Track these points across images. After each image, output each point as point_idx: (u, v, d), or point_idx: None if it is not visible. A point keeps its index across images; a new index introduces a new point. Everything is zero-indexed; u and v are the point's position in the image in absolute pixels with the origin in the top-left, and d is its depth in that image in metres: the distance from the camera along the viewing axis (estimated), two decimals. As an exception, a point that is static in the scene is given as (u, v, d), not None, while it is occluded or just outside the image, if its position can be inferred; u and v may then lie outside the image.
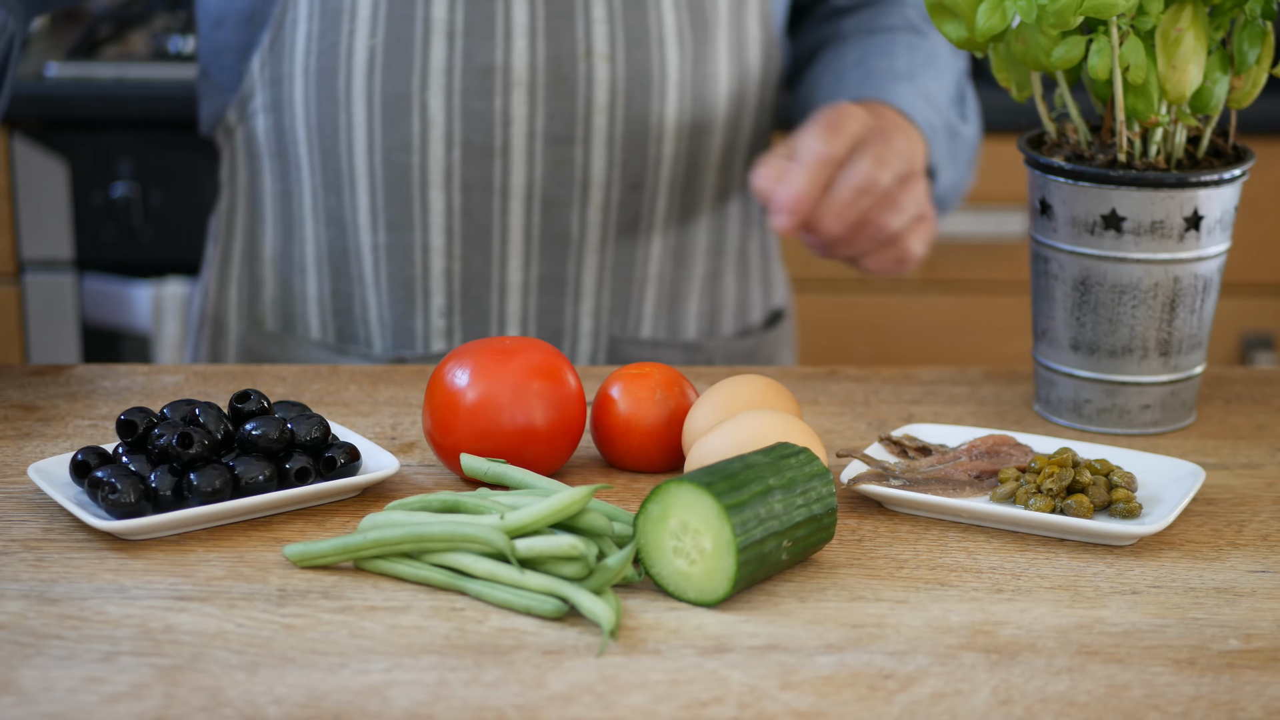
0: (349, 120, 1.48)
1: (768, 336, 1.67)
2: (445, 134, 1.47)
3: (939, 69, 1.57)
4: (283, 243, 1.56)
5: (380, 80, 1.47)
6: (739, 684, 0.93)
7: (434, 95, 1.46)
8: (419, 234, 1.50)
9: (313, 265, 1.54)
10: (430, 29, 1.46)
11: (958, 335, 2.68)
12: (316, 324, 1.55)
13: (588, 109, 1.48)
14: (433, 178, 1.48)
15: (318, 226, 1.53)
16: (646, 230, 1.54)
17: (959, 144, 1.57)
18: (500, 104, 1.47)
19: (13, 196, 2.52)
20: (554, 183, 1.49)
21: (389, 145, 1.48)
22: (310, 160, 1.51)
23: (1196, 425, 1.31)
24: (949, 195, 1.60)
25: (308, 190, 1.52)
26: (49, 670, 0.93)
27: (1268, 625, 1.00)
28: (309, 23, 1.48)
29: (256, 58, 1.50)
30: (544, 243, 1.51)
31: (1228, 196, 1.26)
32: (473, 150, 1.47)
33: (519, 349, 1.17)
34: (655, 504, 1.01)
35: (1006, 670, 0.95)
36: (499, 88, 1.46)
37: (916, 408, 1.32)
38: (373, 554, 1.04)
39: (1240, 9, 1.23)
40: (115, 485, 1.08)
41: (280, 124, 1.52)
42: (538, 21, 1.46)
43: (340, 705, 0.90)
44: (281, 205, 1.55)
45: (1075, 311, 1.27)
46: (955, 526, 1.12)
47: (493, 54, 1.46)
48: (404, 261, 1.51)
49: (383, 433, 1.26)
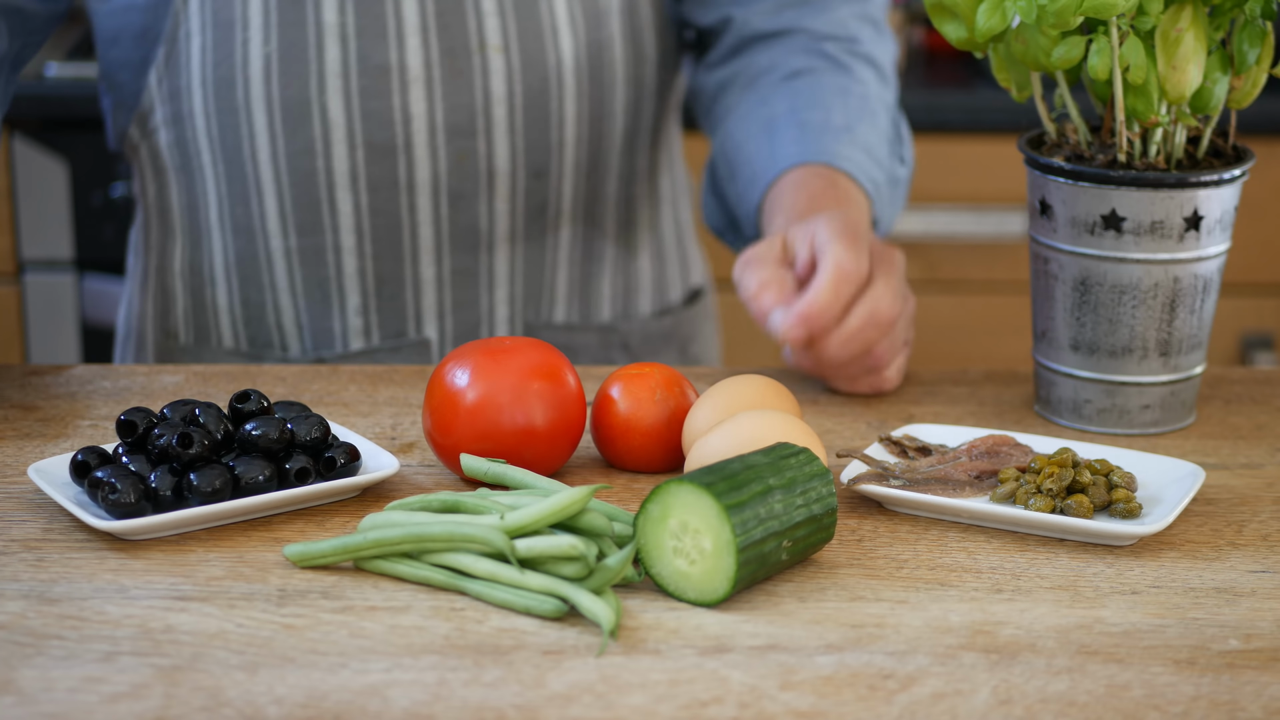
0: (250, 128, 1.49)
1: (687, 314, 1.68)
2: (347, 135, 1.48)
3: (873, 114, 1.55)
4: (191, 254, 1.56)
5: (278, 87, 1.47)
6: (739, 684, 0.93)
7: (333, 98, 1.47)
8: (330, 236, 1.51)
9: (221, 276, 1.55)
10: (323, 32, 1.47)
11: (958, 335, 2.68)
12: (229, 333, 1.56)
13: (486, 101, 1.49)
14: (339, 179, 1.49)
15: (225, 237, 1.53)
16: (555, 217, 1.55)
17: (898, 189, 1.57)
18: (399, 101, 1.48)
19: (13, 196, 2.52)
20: (459, 176, 1.50)
21: (292, 150, 1.49)
22: (214, 171, 1.52)
23: (1196, 425, 1.31)
24: (889, 223, 1.59)
25: (213, 201, 1.53)
26: (49, 670, 0.93)
27: (1268, 625, 1.00)
28: (202, 35, 1.48)
29: (153, 73, 1.51)
30: (454, 236, 1.52)
31: (1228, 196, 1.26)
32: (375, 149, 1.49)
33: (519, 349, 1.17)
34: (655, 504, 1.01)
35: (1006, 670, 0.95)
36: (396, 86, 1.47)
37: (916, 408, 1.32)
38: (373, 554, 1.04)
39: (1240, 9, 1.23)
40: (115, 485, 1.08)
41: (182, 137, 1.52)
42: (429, 18, 1.47)
43: (340, 705, 0.90)
44: (189, 218, 1.55)
45: (1075, 312, 1.27)
46: (955, 526, 1.12)
47: (387, 53, 1.47)
48: (317, 264, 1.52)
49: (383, 433, 1.26)
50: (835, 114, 1.53)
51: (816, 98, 1.54)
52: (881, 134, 1.55)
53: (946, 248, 2.66)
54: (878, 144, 1.54)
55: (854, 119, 1.53)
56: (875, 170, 1.52)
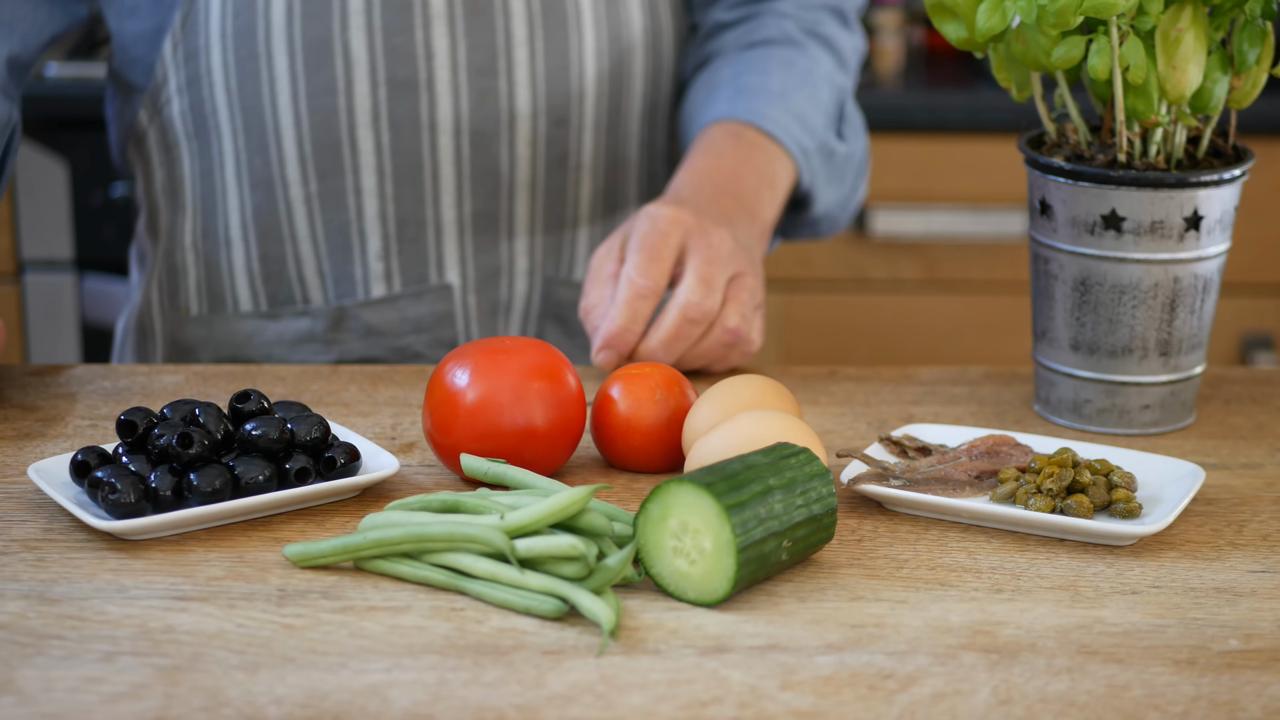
0: (270, 74, 1.49)
1: None
2: (369, 72, 1.49)
3: (814, 86, 1.57)
4: (204, 223, 1.56)
5: (300, 28, 1.48)
6: (739, 684, 0.93)
7: (355, 35, 1.48)
8: (350, 178, 1.51)
9: (238, 236, 1.55)
10: None
11: (958, 335, 2.68)
12: (247, 294, 1.56)
13: (508, 41, 1.50)
14: (360, 118, 1.50)
15: (243, 193, 1.54)
16: (575, 169, 1.56)
17: (836, 163, 1.58)
18: (421, 37, 1.49)
19: (13, 196, 2.52)
20: (481, 116, 1.51)
21: (313, 90, 1.49)
22: (231, 126, 1.52)
23: (1196, 425, 1.31)
24: (836, 213, 1.61)
25: (229, 159, 1.53)
26: (49, 670, 0.93)
27: (1268, 625, 1.00)
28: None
29: (168, 40, 1.51)
30: (475, 178, 1.53)
31: (1228, 196, 1.26)
32: (398, 86, 1.49)
33: (519, 349, 1.17)
34: (655, 504, 1.01)
35: (1006, 670, 0.95)
36: (419, 21, 1.49)
37: (916, 408, 1.32)
38: (373, 554, 1.04)
39: (1240, 9, 1.23)
40: (115, 485, 1.08)
41: (198, 99, 1.52)
42: None
43: (340, 705, 0.90)
44: (202, 185, 1.55)
45: (1075, 311, 1.27)
46: (955, 526, 1.12)
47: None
48: (338, 208, 1.53)
49: (383, 433, 1.26)
50: (774, 80, 1.55)
51: (761, 65, 1.56)
52: (820, 106, 1.56)
53: (946, 248, 2.66)
54: (813, 114, 1.55)
55: (792, 87, 1.55)
56: (804, 137, 1.53)
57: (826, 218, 1.60)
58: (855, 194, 1.63)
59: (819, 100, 1.57)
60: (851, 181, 1.61)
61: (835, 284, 2.68)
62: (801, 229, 1.61)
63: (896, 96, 2.66)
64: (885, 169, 2.62)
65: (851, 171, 1.61)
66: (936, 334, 2.68)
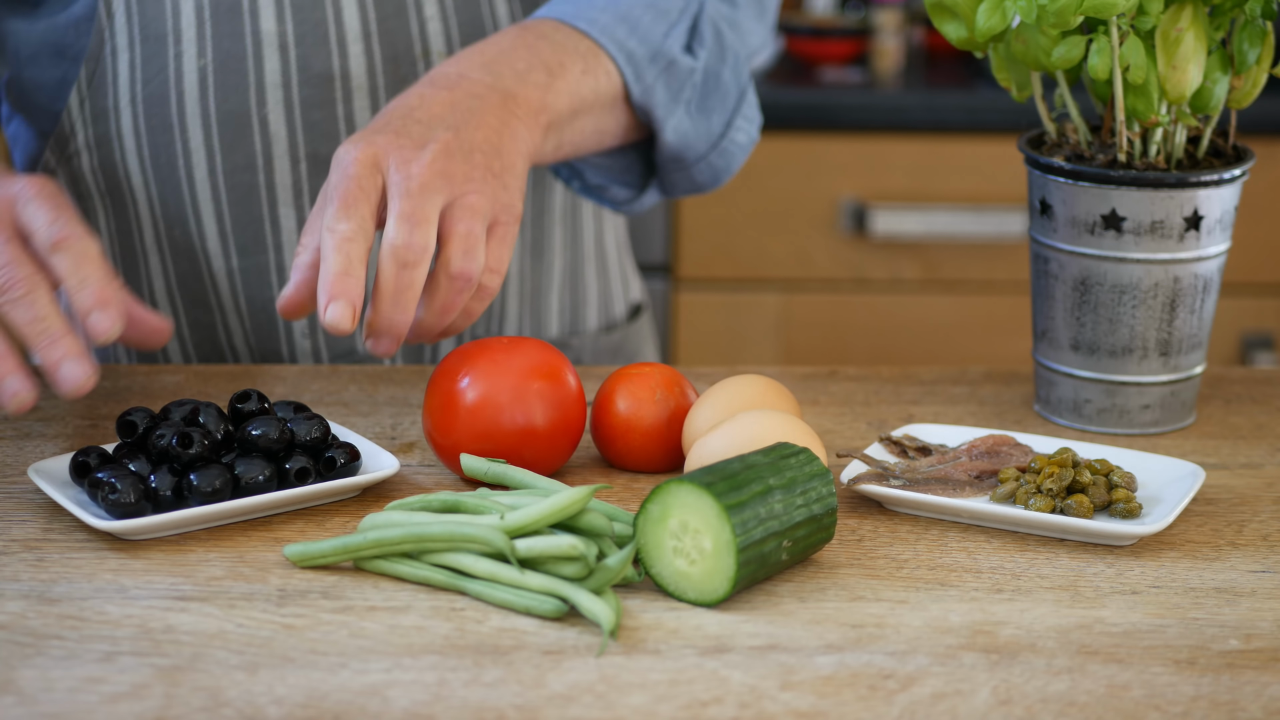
0: (185, 146, 1.42)
1: (632, 330, 1.64)
2: (289, 148, 1.41)
3: None
4: (127, 280, 1.48)
5: (215, 100, 1.40)
6: (739, 684, 0.93)
7: (273, 109, 1.41)
8: (272, 255, 1.44)
9: (164, 299, 1.47)
10: (261, 42, 1.40)
11: (958, 335, 2.68)
12: (179, 357, 1.49)
13: None
14: (280, 195, 1.43)
15: (165, 260, 1.46)
16: None
17: (681, 78, 1.41)
18: (343, 111, 1.42)
19: (13, 196, 2.52)
20: None
21: (231, 166, 1.42)
22: (146, 193, 1.44)
23: (1196, 425, 1.31)
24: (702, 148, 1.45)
25: (148, 225, 1.45)
26: (49, 670, 0.93)
27: (1268, 625, 1.00)
28: (130, 51, 1.41)
29: (74, 94, 1.43)
30: None
31: (1228, 196, 1.26)
32: (319, 162, 1.42)
33: (519, 349, 1.17)
34: (655, 504, 1.01)
35: (1006, 670, 0.95)
36: (339, 95, 1.41)
37: (916, 408, 1.32)
38: (373, 554, 1.04)
39: (1240, 9, 1.23)
40: (115, 485, 1.08)
41: (109, 160, 1.44)
42: (370, 24, 1.41)
43: (340, 705, 0.90)
44: (121, 243, 1.48)
45: (1075, 311, 1.27)
46: (955, 526, 1.12)
47: (329, 61, 1.41)
48: (260, 284, 1.45)
49: (383, 433, 1.26)
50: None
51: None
52: (662, 14, 1.41)
53: (946, 248, 2.66)
54: (650, 21, 1.41)
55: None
56: (632, 41, 1.39)
57: (694, 156, 1.45)
58: (732, 132, 1.46)
59: (662, 8, 1.41)
60: (724, 117, 1.45)
61: (835, 284, 2.68)
62: (671, 173, 1.47)
63: (896, 96, 2.66)
64: (885, 169, 2.62)
65: (720, 103, 1.45)
66: (936, 334, 2.68)
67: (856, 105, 2.64)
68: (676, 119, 1.42)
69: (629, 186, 1.50)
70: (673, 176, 1.47)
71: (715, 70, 1.44)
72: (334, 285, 1.14)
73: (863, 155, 2.65)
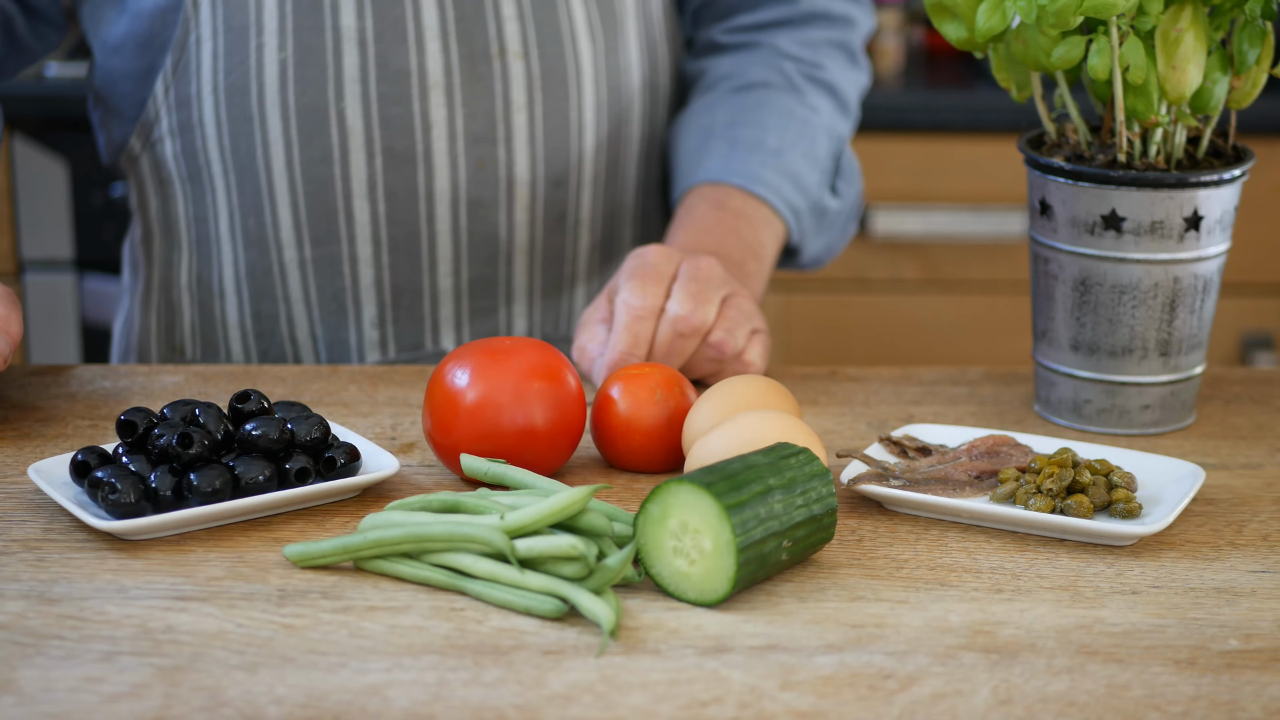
0: (264, 136, 1.46)
1: None
2: (365, 143, 1.45)
3: (812, 140, 1.54)
4: (199, 268, 1.53)
5: (294, 93, 1.44)
6: (739, 684, 0.93)
7: (350, 104, 1.45)
8: (345, 246, 1.48)
9: (232, 289, 1.52)
10: (340, 37, 1.44)
11: (958, 335, 2.68)
12: (239, 347, 1.53)
13: (506, 107, 1.47)
14: (355, 188, 1.46)
15: (236, 249, 1.50)
16: (574, 227, 1.53)
17: (826, 219, 1.56)
18: (419, 108, 1.45)
19: (13, 196, 2.52)
20: (478, 184, 1.48)
21: (308, 158, 1.46)
22: (225, 181, 1.48)
23: (1196, 425, 1.31)
24: (822, 256, 1.60)
25: (224, 213, 1.50)
26: (49, 670, 0.93)
27: (1268, 625, 1.00)
28: (214, 41, 1.45)
29: (159, 82, 1.47)
30: (472, 246, 1.50)
31: (1228, 196, 1.26)
32: (394, 157, 1.46)
33: (519, 349, 1.17)
34: (655, 504, 1.01)
35: (1006, 670, 0.95)
36: (416, 92, 1.45)
37: (916, 408, 1.32)
38: (373, 554, 1.04)
39: (1240, 9, 1.23)
40: (115, 485, 1.08)
41: (190, 147, 1.49)
42: (448, 23, 1.45)
43: (340, 705, 0.90)
44: (197, 230, 1.52)
45: (1075, 312, 1.27)
46: (955, 526, 1.12)
47: (406, 58, 1.44)
48: (332, 274, 1.49)
49: (383, 433, 1.26)
50: (771, 135, 1.52)
51: (757, 116, 1.53)
52: (816, 163, 1.54)
53: (946, 248, 2.66)
54: (808, 171, 1.53)
55: (789, 143, 1.53)
56: (797, 197, 1.52)
57: (812, 261, 1.59)
58: (844, 235, 1.61)
59: (815, 156, 1.54)
60: (841, 227, 1.60)
61: (835, 284, 2.68)
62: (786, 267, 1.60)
63: (896, 96, 2.66)
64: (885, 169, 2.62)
65: (841, 220, 1.59)
66: (936, 334, 2.68)
67: (856, 105, 2.64)
68: (814, 245, 1.57)
69: None
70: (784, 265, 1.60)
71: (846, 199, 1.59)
72: (619, 362, 1.28)
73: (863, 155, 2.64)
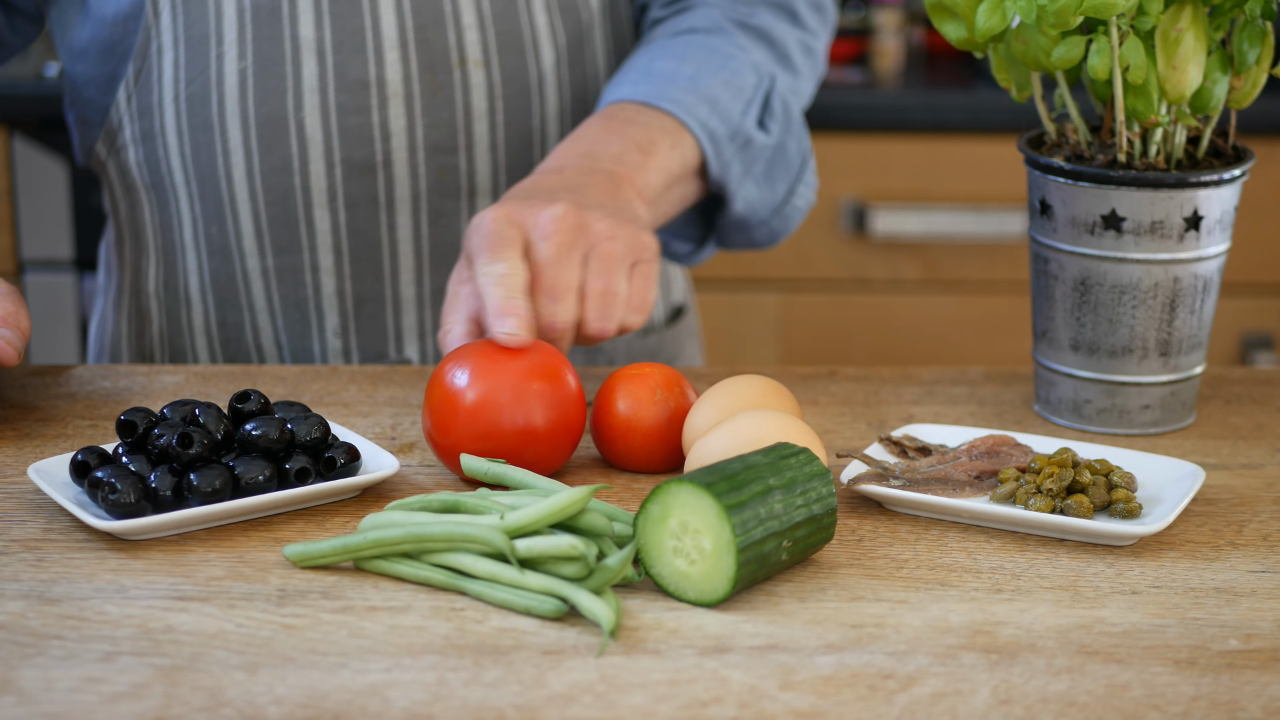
0: (225, 145, 1.45)
1: (670, 333, 1.65)
2: (325, 152, 1.45)
3: (735, 72, 1.47)
4: (166, 274, 1.52)
5: (254, 103, 1.44)
6: (739, 684, 0.93)
7: (310, 114, 1.44)
8: (307, 255, 1.48)
9: (198, 296, 1.51)
10: (299, 47, 1.43)
11: (958, 335, 2.68)
12: (205, 355, 1.53)
13: (467, 117, 1.46)
14: (316, 197, 1.46)
15: (200, 257, 1.50)
16: None
17: (756, 154, 1.47)
18: (378, 118, 1.45)
19: (13, 196, 2.52)
20: (439, 193, 1.47)
21: (268, 168, 1.45)
22: (188, 190, 1.48)
23: (1196, 425, 1.31)
24: (766, 216, 1.50)
25: (187, 221, 1.49)
26: (49, 670, 0.93)
27: (1268, 625, 1.00)
28: (175, 50, 1.44)
29: (122, 90, 1.47)
30: (434, 254, 1.49)
31: (1228, 196, 1.26)
32: (354, 166, 1.45)
33: (519, 349, 1.17)
34: (655, 504, 1.01)
35: (1006, 670, 0.95)
36: (375, 102, 1.44)
37: (916, 408, 1.32)
38: (373, 554, 1.04)
39: (1240, 9, 1.23)
40: (115, 485, 1.08)
41: (153, 155, 1.49)
42: (407, 32, 1.44)
43: (340, 705, 0.90)
44: (163, 237, 1.52)
45: (1075, 312, 1.27)
46: (955, 526, 1.12)
47: (365, 68, 1.44)
48: (295, 283, 1.48)
49: (383, 433, 1.26)
50: (687, 65, 1.46)
51: (679, 51, 1.48)
52: (739, 92, 1.46)
53: (946, 248, 2.66)
54: (729, 99, 1.46)
55: (707, 71, 1.46)
56: (713, 120, 1.44)
57: (757, 221, 1.51)
58: (793, 199, 1.52)
59: (739, 86, 1.47)
60: (787, 185, 1.51)
61: (835, 284, 2.68)
62: (732, 233, 1.53)
63: (896, 96, 2.66)
64: (885, 169, 2.62)
65: (784, 172, 1.51)
66: (936, 334, 2.69)
67: (856, 105, 2.64)
68: (746, 190, 1.48)
69: (689, 241, 1.55)
70: (733, 236, 1.52)
71: (783, 142, 1.50)
72: (502, 307, 1.18)
73: (863, 155, 2.65)
